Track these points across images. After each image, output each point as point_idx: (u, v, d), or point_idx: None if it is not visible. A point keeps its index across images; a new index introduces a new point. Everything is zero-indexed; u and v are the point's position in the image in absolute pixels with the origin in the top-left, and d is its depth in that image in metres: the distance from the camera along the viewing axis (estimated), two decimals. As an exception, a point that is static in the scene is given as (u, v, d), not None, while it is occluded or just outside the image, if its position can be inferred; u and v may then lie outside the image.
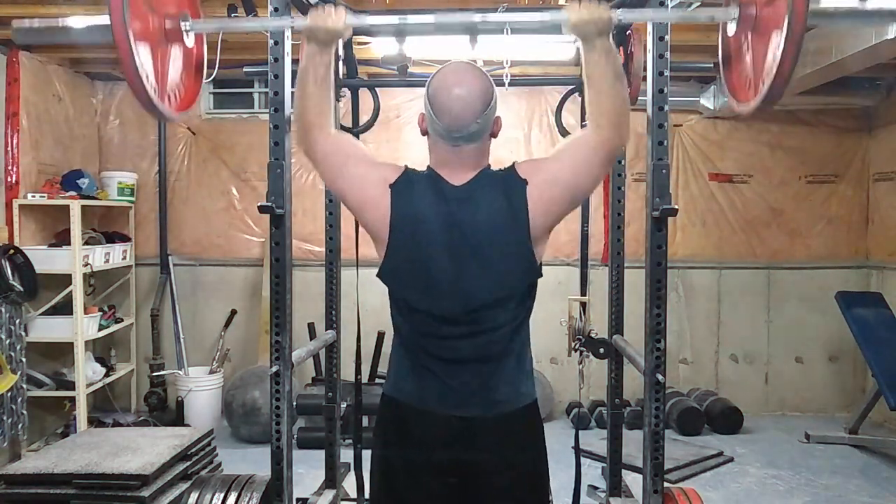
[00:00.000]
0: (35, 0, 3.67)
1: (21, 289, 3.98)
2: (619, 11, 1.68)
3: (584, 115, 2.78)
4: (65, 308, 4.40)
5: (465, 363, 1.67)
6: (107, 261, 4.82)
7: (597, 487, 3.52)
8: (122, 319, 5.14)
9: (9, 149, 4.40)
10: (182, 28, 1.82)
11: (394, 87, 4.87)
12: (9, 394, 3.87)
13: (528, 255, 1.66)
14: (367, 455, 1.80)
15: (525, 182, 1.66)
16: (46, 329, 4.42)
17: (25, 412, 4.03)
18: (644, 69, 2.38)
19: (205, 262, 5.45)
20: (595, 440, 4.56)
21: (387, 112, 3.96)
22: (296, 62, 2.50)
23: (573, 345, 2.78)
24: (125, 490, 3.09)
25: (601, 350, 2.72)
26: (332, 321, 2.96)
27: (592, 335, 2.74)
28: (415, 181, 1.69)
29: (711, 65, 3.20)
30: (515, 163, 1.71)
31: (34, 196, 4.46)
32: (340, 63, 2.94)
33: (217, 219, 5.45)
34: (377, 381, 4.88)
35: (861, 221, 5.51)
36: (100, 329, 4.74)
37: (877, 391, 4.56)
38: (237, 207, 5.44)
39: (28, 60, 4.52)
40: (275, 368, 2.20)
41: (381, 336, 4.88)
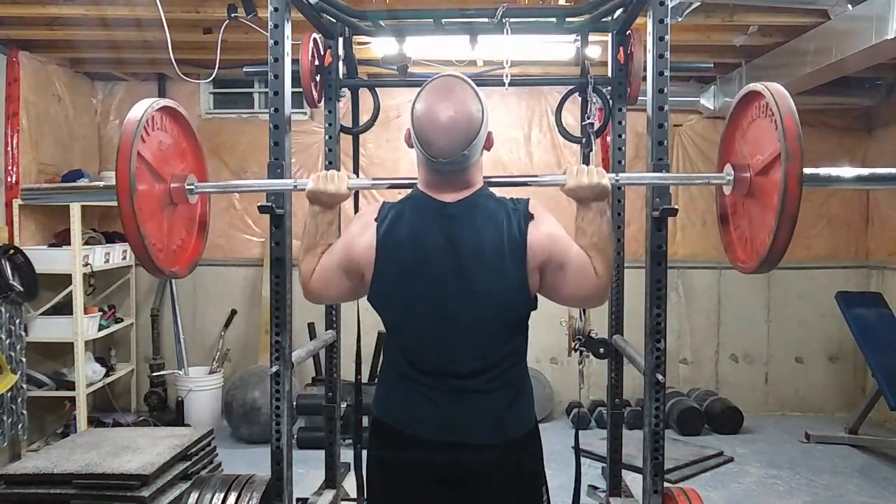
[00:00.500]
0: (35, 0, 3.67)
1: (21, 289, 3.98)
2: (618, 176, 1.78)
3: (584, 115, 2.80)
4: (65, 308, 4.40)
5: (458, 392, 1.63)
6: (107, 261, 4.82)
7: (597, 487, 3.52)
8: (122, 319, 5.14)
9: (9, 149, 4.40)
10: (186, 190, 1.95)
11: (394, 87, 4.88)
12: (9, 394, 3.88)
13: (523, 282, 1.61)
14: (366, 455, 1.80)
15: (532, 216, 1.63)
16: (46, 329, 4.42)
17: (25, 412, 4.04)
18: (644, 69, 2.38)
19: (205, 262, 5.35)
20: (595, 440, 4.55)
21: (387, 112, 3.95)
22: (296, 62, 2.52)
23: (573, 345, 2.78)
24: (125, 490, 3.08)
25: (601, 350, 2.72)
26: (332, 321, 2.96)
27: (592, 335, 2.73)
28: (398, 207, 1.67)
29: (711, 65, 3.21)
30: (529, 199, 1.68)
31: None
32: (340, 63, 2.94)
33: (217, 219, 5.43)
34: (377, 381, 4.87)
35: (861, 221, 5.51)
36: (100, 329, 4.74)
37: (877, 391, 4.56)
38: (237, 207, 5.44)
39: (28, 60, 4.52)
40: (275, 368, 2.21)
41: (381, 336, 4.88)
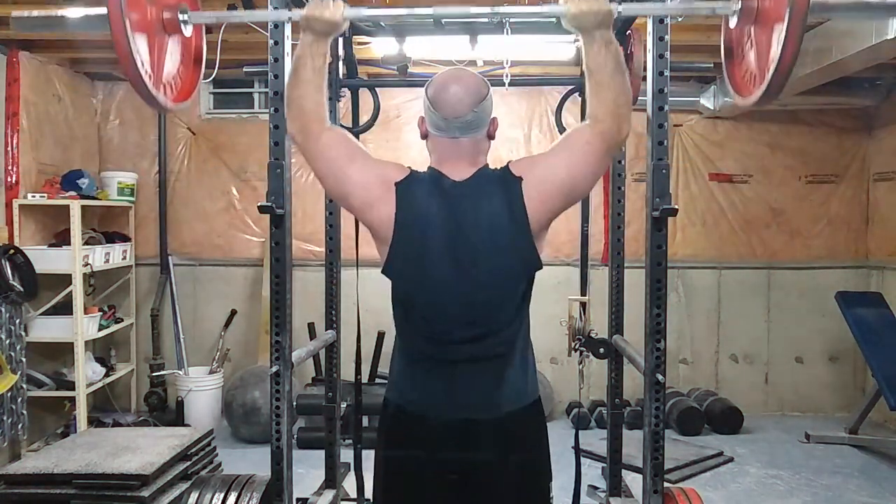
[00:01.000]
0: (35, 0, 3.67)
1: (21, 289, 3.98)
2: (620, 5, 1.67)
3: (584, 115, 2.80)
4: (65, 308, 4.40)
5: (469, 364, 1.67)
6: (107, 261, 4.82)
7: (597, 487, 3.52)
8: (122, 319, 5.14)
9: (9, 149, 4.40)
10: (180, 19, 1.83)
11: (394, 87, 4.87)
12: (9, 394, 3.88)
13: (530, 249, 1.67)
14: (367, 455, 1.80)
15: (520, 179, 1.66)
16: (46, 329, 4.43)
17: (25, 412, 4.04)
18: (644, 69, 2.38)
19: (205, 262, 5.45)
20: (595, 440, 4.55)
21: (387, 112, 3.96)
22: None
23: (573, 345, 2.78)
24: (125, 490, 3.09)
25: (601, 350, 2.72)
26: (332, 321, 2.96)
27: (592, 335, 2.73)
28: (419, 180, 1.70)
29: (711, 65, 3.20)
30: (510, 161, 1.72)
31: (34, 196, 4.46)
32: (340, 63, 2.94)
33: (217, 219, 5.45)
34: (377, 381, 4.88)
35: (861, 221, 5.51)
36: (100, 329, 4.74)
37: (877, 391, 4.56)
38: (237, 207, 5.44)
39: (28, 60, 4.52)
40: (275, 368, 2.20)
41: (381, 336, 4.88)
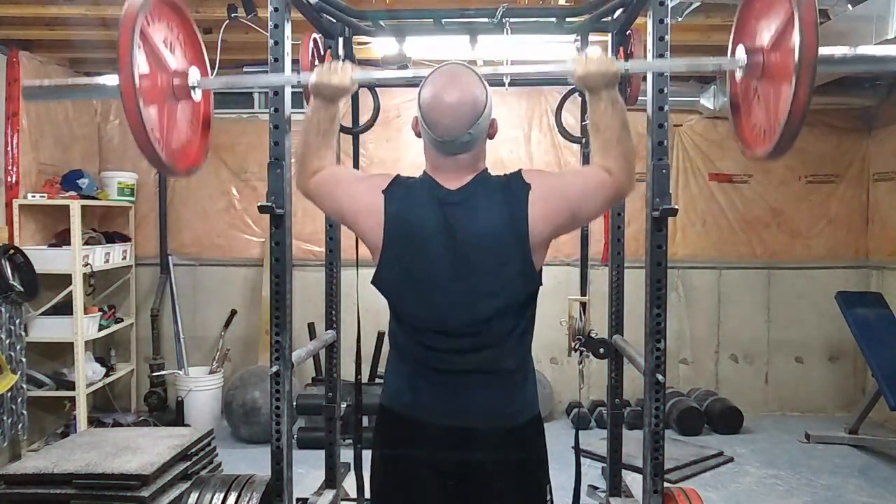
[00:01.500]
0: (35, 0, 3.67)
1: (21, 289, 3.98)
2: (626, 63, 1.69)
3: (584, 115, 2.80)
4: (65, 308, 4.40)
5: (465, 375, 1.64)
6: (107, 261, 4.82)
7: (597, 487, 3.53)
8: (122, 319, 5.14)
9: (9, 149, 4.40)
10: (190, 85, 1.88)
11: (394, 87, 4.87)
12: (9, 394, 3.88)
13: (527, 263, 1.62)
14: (367, 455, 1.80)
15: (529, 186, 1.62)
16: (46, 329, 4.42)
17: (25, 412, 4.04)
18: (644, 69, 2.38)
19: (205, 263, 5.45)
20: (595, 440, 4.55)
21: (387, 112, 3.96)
22: (296, 62, 2.52)
23: (573, 345, 2.78)
24: (125, 490, 3.08)
25: (601, 350, 2.72)
26: (332, 321, 2.96)
27: (592, 335, 2.73)
28: (408, 186, 1.67)
29: (711, 65, 3.20)
30: (522, 169, 1.68)
31: (34, 196, 4.46)
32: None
33: (217, 219, 5.45)
34: (377, 381, 4.88)
35: (861, 221, 5.51)
36: (100, 329, 4.74)
37: (877, 391, 4.56)
38: (237, 207, 5.44)
39: (28, 60, 4.51)
40: (275, 368, 2.21)
41: (382, 336, 4.88)
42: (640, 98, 2.61)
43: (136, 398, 5.32)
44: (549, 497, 1.76)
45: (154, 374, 5.09)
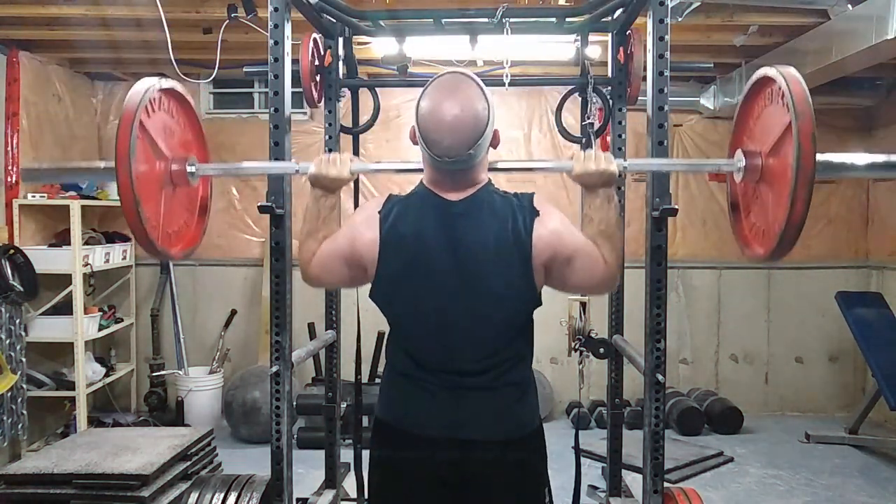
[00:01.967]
0: (35, 0, 3.67)
1: (21, 289, 3.98)
2: (625, 161, 1.73)
3: (584, 115, 2.80)
4: (65, 308, 4.40)
5: (465, 391, 1.63)
6: (107, 261, 4.82)
7: (597, 487, 3.53)
8: (122, 319, 5.14)
9: (9, 149, 4.40)
10: (187, 171, 1.89)
11: (394, 87, 4.87)
12: (9, 394, 3.88)
13: (529, 279, 1.60)
14: (367, 455, 1.80)
15: (538, 212, 1.61)
16: (46, 329, 4.42)
17: (25, 412, 4.03)
18: (644, 69, 2.38)
19: (205, 263, 5.45)
20: (595, 440, 4.55)
21: (387, 112, 3.95)
22: (296, 62, 2.52)
23: (573, 345, 2.78)
24: (125, 490, 3.08)
25: (601, 350, 2.72)
26: (332, 321, 2.96)
27: (592, 335, 2.73)
28: (403, 202, 1.65)
29: (711, 65, 3.21)
30: (534, 194, 1.66)
31: (34, 196, 4.46)
32: (340, 63, 2.94)
33: (217, 219, 5.43)
34: (377, 381, 4.88)
35: (861, 221, 5.51)
36: (100, 329, 4.74)
37: (877, 391, 4.56)
38: (237, 207, 5.44)
39: (28, 60, 4.51)
40: (275, 368, 2.21)
41: (381, 336, 4.88)
42: (641, 98, 2.61)
43: (136, 398, 5.32)
44: (549, 497, 1.76)
45: (154, 374, 5.09)
